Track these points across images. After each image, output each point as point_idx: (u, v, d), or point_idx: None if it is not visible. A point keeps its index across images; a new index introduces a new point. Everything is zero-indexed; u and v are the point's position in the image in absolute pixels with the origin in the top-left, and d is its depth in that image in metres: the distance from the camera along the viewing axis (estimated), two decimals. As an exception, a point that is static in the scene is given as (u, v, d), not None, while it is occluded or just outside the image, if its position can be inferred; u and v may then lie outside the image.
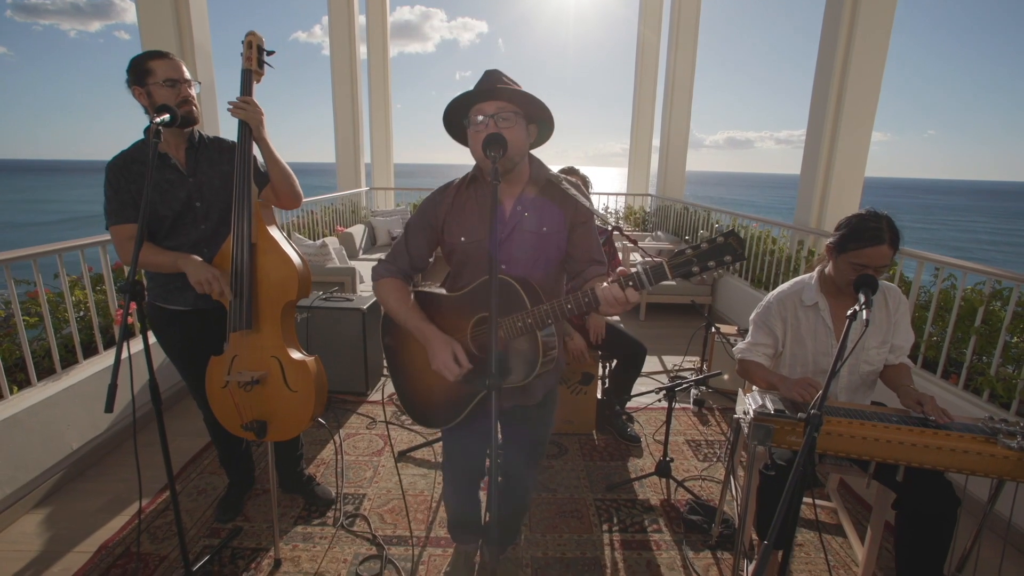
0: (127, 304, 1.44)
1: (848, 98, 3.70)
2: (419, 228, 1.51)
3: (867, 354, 1.80)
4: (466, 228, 1.45)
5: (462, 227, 1.46)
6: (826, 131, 3.82)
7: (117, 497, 2.30)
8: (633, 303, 1.20)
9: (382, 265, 1.55)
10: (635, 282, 1.17)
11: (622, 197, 8.51)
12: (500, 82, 1.36)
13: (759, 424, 1.58)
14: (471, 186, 1.48)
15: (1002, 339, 2.29)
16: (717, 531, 2.11)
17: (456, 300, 1.45)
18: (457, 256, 1.49)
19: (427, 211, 1.50)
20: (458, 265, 1.51)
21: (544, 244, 1.46)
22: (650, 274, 1.15)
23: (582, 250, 1.48)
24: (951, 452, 1.47)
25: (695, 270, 1.13)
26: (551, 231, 1.46)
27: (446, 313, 1.45)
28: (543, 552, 2.04)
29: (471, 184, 1.48)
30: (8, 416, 2.09)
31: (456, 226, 1.46)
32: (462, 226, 1.46)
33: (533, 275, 1.43)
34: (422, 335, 1.41)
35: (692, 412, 3.26)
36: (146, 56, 1.73)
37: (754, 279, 4.68)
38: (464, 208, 1.47)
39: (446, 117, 1.44)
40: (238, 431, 1.79)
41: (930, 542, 1.62)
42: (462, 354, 1.36)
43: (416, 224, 1.52)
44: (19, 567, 1.91)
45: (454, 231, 1.47)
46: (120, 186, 1.74)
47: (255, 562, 1.95)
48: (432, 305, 1.48)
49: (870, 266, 1.65)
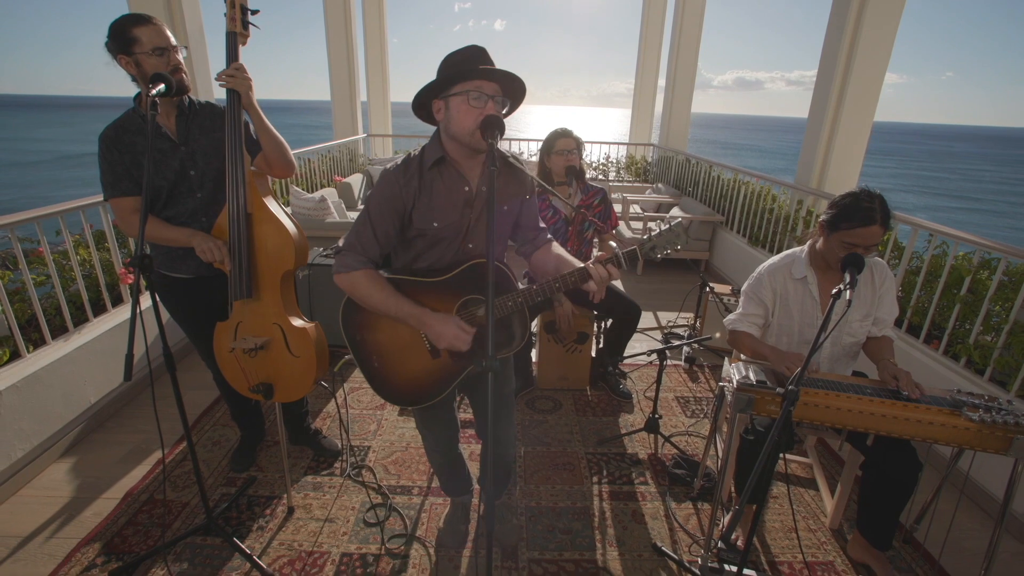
0: (137, 278, 1.49)
1: (864, 33, 3.54)
2: (384, 215, 1.43)
3: (850, 326, 1.87)
4: (437, 212, 1.42)
5: (433, 211, 1.42)
6: (838, 70, 3.67)
7: (136, 448, 2.45)
8: (615, 279, 1.38)
9: (349, 256, 1.44)
10: (615, 261, 1.37)
11: (623, 147, 8.35)
12: (489, 58, 1.37)
13: (741, 393, 1.68)
14: (436, 167, 1.42)
15: (984, 308, 2.36)
16: (699, 484, 2.27)
17: (439, 285, 1.47)
18: (425, 239, 1.46)
19: (391, 197, 1.41)
20: (423, 248, 1.48)
21: (504, 221, 1.54)
22: (625, 257, 1.38)
23: (530, 219, 1.58)
24: (917, 423, 1.57)
25: (657, 256, 1.42)
26: (511, 209, 1.53)
27: (428, 298, 1.47)
28: (536, 502, 2.20)
29: (436, 165, 1.41)
30: (29, 374, 2.19)
31: (427, 211, 1.42)
32: (433, 210, 1.42)
33: (499, 251, 1.54)
34: (418, 320, 1.42)
35: (683, 369, 3.38)
36: (129, 22, 1.66)
37: (751, 237, 4.70)
38: (432, 191, 1.42)
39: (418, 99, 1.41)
40: (247, 393, 1.89)
41: (891, 501, 1.76)
42: (464, 324, 1.43)
43: (380, 211, 1.42)
44: (55, 510, 2.07)
45: (425, 216, 1.42)
46: (113, 158, 1.73)
47: (270, 509, 2.12)
48: (412, 292, 1.47)
49: (861, 245, 1.69)
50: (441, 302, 1.48)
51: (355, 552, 1.93)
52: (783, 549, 2.02)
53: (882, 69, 3.69)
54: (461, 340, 1.40)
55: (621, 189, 7.00)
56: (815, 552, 2.01)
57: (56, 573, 1.79)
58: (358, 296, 1.46)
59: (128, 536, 1.95)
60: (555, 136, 2.71)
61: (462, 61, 1.36)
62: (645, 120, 8.30)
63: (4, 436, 2.10)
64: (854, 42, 3.62)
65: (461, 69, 1.34)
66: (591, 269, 1.37)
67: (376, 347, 1.55)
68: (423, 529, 2.05)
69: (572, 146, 2.68)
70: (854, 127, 3.80)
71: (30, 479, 2.21)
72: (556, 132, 2.73)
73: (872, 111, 3.78)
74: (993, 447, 1.53)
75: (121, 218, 1.81)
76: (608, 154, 8.28)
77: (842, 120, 3.80)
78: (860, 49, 3.60)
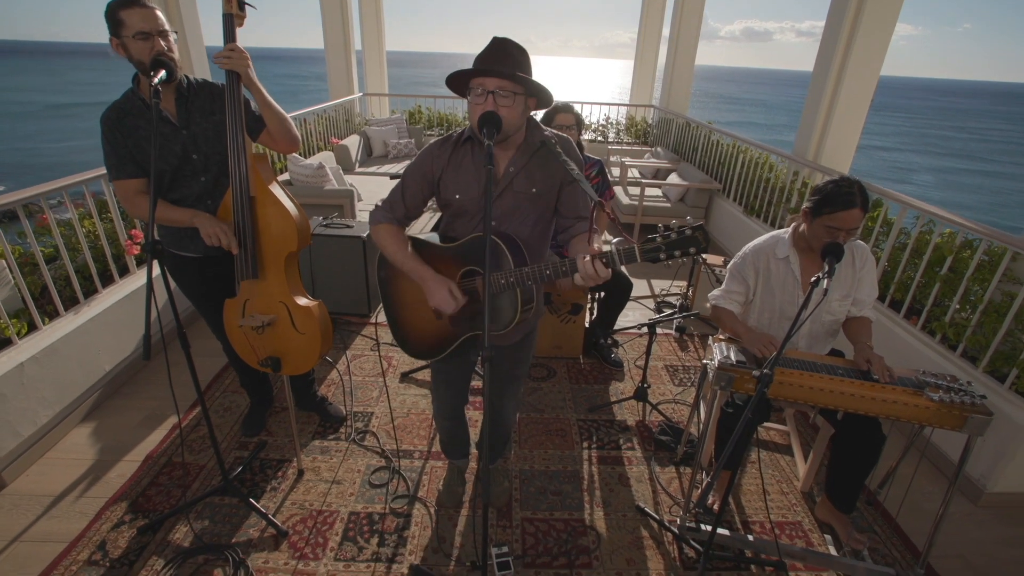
0: (149, 264, 1.57)
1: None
2: (415, 180, 1.58)
3: (830, 306, 1.97)
4: (461, 186, 1.54)
5: (457, 184, 1.54)
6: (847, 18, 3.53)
7: (152, 413, 2.58)
8: (604, 278, 1.31)
9: (380, 211, 1.64)
10: (608, 260, 1.29)
11: (623, 108, 8.22)
12: (507, 55, 1.38)
13: (721, 372, 1.80)
14: (466, 144, 1.54)
15: (963, 287, 2.45)
16: (682, 450, 2.43)
17: (448, 251, 1.59)
18: (452, 209, 1.59)
19: (424, 164, 1.57)
20: (452, 217, 1.61)
21: (535, 203, 1.57)
22: (623, 255, 1.27)
23: (569, 207, 1.60)
24: (883, 402, 1.69)
25: (662, 256, 1.24)
26: (541, 192, 1.56)
27: (437, 261, 1.59)
28: (530, 465, 2.36)
29: (466, 142, 1.54)
30: (47, 345, 2.29)
31: (452, 183, 1.55)
32: (457, 183, 1.54)
33: (521, 231, 1.57)
34: (419, 276, 1.55)
35: (674, 338, 3.51)
36: (117, 4, 1.65)
37: (747, 206, 4.74)
38: (460, 166, 1.54)
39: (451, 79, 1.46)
40: (256, 365, 2.00)
41: (855, 469, 1.91)
42: (457, 289, 1.52)
43: (413, 175, 1.58)
44: (81, 472, 2.22)
45: (450, 187, 1.55)
46: (117, 141, 1.76)
47: (281, 471, 2.27)
48: (426, 252, 1.61)
49: (843, 228, 1.77)
50: (449, 266, 1.58)
51: (362, 511, 2.10)
52: (756, 510, 2.19)
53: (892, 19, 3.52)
54: (446, 303, 1.50)
55: (620, 152, 6.94)
56: (785, 513, 2.19)
57: (89, 528, 1.95)
58: (379, 245, 1.63)
59: (152, 496, 2.11)
60: (555, 111, 2.72)
61: (479, 56, 1.40)
62: (647, 80, 8.12)
63: (29, 404, 2.22)
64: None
65: (471, 67, 1.39)
66: (580, 264, 1.33)
67: (396, 297, 1.74)
68: (424, 490, 2.21)
69: (571, 122, 2.69)
70: (857, 90, 3.68)
71: (55, 443, 2.35)
72: (556, 107, 2.73)
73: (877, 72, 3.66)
74: (950, 424, 1.66)
75: (126, 199, 1.85)
76: (608, 115, 8.15)
77: (845, 81, 3.68)
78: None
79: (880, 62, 3.58)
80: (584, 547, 1.98)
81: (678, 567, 1.92)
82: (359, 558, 1.90)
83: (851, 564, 1.91)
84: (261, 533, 1.97)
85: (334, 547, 1.94)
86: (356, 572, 1.85)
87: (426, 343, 1.71)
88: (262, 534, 1.97)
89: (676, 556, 1.96)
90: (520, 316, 1.51)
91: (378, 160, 6.66)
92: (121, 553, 1.87)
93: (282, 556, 1.89)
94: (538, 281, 1.44)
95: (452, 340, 1.64)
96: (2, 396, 2.10)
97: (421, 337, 1.71)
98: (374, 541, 1.97)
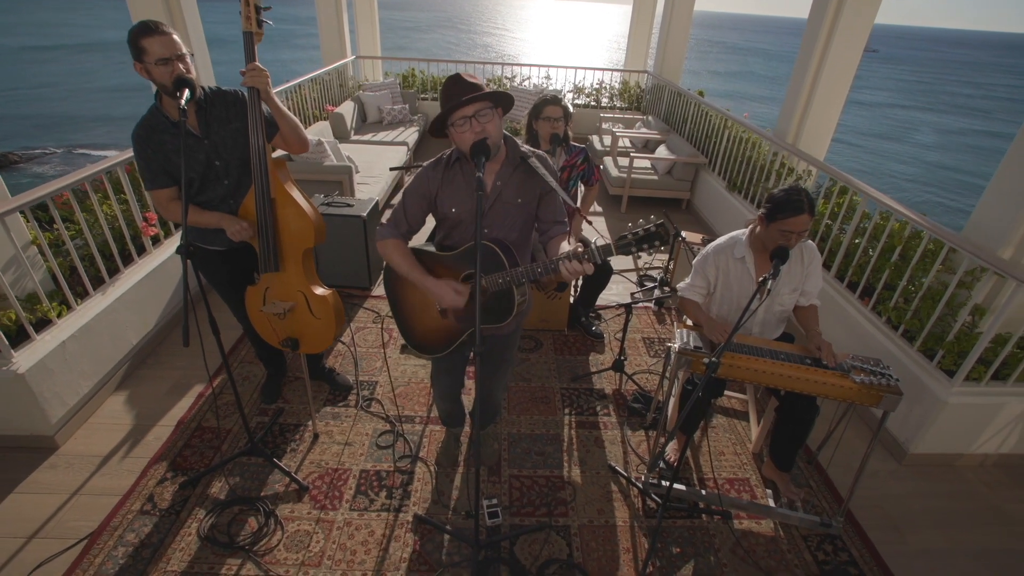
0: (184, 265, 1.80)
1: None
2: (415, 200, 1.80)
3: (780, 298, 2.25)
4: (456, 201, 1.77)
5: (452, 200, 1.77)
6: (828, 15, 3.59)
7: (177, 383, 2.87)
8: (588, 272, 1.54)
9: (386, 228, 1.86)
10: (589, 256, 1.51)
11: (617, 73, 8.21)
12: (468, 84, 1.60)
13: (682, 355, 2.09)
14: (456, 164, 1.76)
15: (907, 275, 2.73)
16: (651, 417, 2.76)
17: (448, 259, 1.83)
18: (449, 221, 1.82)
19: (422, 186, 1.79)
20: (448, 228, 1.85)
21: (520, 211, 1.82)
22: (601, 251, 1.50)
23: (547, 213, 1.85)
24: (815, 383, 2.00)
25: (633, 249, 1.48)
26: (525, 201, 1.81)
27: (439, 268, 1.84)
28: (516, 429, 2.69)
29: (457, 162, 1.76)
30: (83, 324, 2.55)
31: (447, 199, 1.78)
32: (452, 199, 1.77)
33: (510, 235, 1.82)
34: (421, 283, 1.80)
35: (652, 311, 3.80)
36: (138, 33, 1.82)
37: (731, 182, 4.93)
38: (453, 183, 1.77)
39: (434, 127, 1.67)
40: (277, 345, 2.28)
41: (793, 435, 2.25)
42: (459, 285, 1.77)
43: (412, 196, 1.80)
44: (122, 435, 2.53)
45: (445, 203, 1.78)
46: (148, 155, 1.97)
47: (298, 435, 2.59)
48: (428, 260, 1.86)
49: (794, 231, 2.02)
50: (449, 271, 1.83)
51: (371, 469, 2.43)
52: (711, 468, 2.54)
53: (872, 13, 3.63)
54: (454, 300, 1.75)
55: (612, 120, 7.01)
56: (737, 471, 2.54)
57: (138, 484, 2.27)
58: (386, 258, 1.86)
59: (188, 456, 2.42)
60: (544, 103, 2.88)
61: (443, 100, 1.62)
62: (642, 45, 8.08)
63: (71, 376, 2.49)
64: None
65: (444, 109, 1.61)
66: (561, 265, 1.56)
67: (404, 302, 1.99)
68: (424, 451, 2.53)
69: (559, 114, 2.86)
70: (835, 81, 3.87)
71: (95, 410, 2.64)
72: (545, 99, 2.88)
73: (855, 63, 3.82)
74: (869, 402, 1.98)
75: (160, 205, 2.08)
76: (602, 80, 8.15)
77: (824, 71, 3.86)
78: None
79: (858, 54, 3.73)
80: (562, 499, 2.33)
81: (641, 516, 2.28)
82: (371, 508, 2.24)
83: (786, 513, 2.27)
84: (285, 488, 2.30)
85: (349, 499, 2.27)
86: (368, 520, 2.19)
87: (434, 340, 1.97)
88: (286, 488, 2.30)
89: (640, 507, 2.32)
90: (517, 309, 1.77)
91: (373, 126, 6.72)
92: (168, 505, 2.20)
93: (305, 507, 2.23)
94: (531, 279, 1.67)
95: (457, 336, 1.90)
96: (50, 371, 2.37)
97: (428, 335, 1.97)
98: (383, 494, 2.31)
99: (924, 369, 2.56)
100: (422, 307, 1.94)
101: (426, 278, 1.80)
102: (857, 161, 18.67)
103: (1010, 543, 2.30)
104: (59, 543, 2.03)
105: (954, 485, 2.56)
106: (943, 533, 2.32)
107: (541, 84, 8.01)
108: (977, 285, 2.50)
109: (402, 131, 6.54)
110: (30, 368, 2.27)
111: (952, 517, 2.39)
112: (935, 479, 2.57)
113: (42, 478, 2.30)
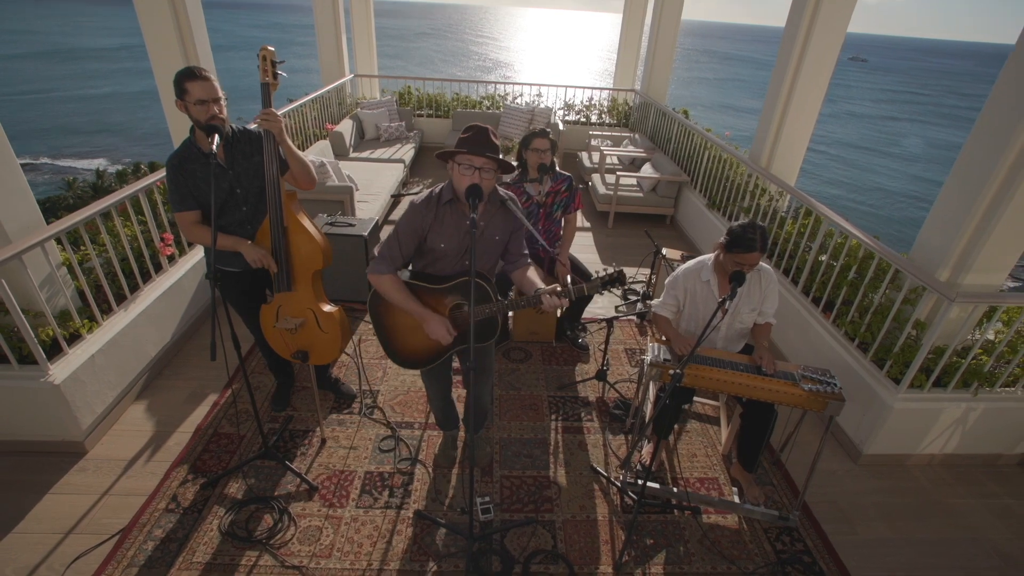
0: (212, 290, 2.05)
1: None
2: (408, 235, 2.02)
3: (740, 317, 2.52)
4: (445, 237, 2.02)
5: (442, 236, 2.02)
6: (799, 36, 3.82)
7: (193, 392, 3.10)
8: (564, 307, 1.86)
9: (380, 264, 2.04)
10: (567, 295, 1.83)
11: (606, 91, 8.53)
12: (489, 142, 1.87)
13: (652, 367, 2.35)
14: (447, 205, 2.00)
15: (861, 292, 3.02)
16: (630, 422, 3.02)
17: (439, 291, 2.09)
18: (435, 254, 2.06)
19: (414, 222, 2.00)
20: (432, 259, 2.08)
21: (497, 247, 2.12)
22: (574, 290, 1.82)
23: (517, 247, 2.16)
24: (771, 391, 2.26)
25: (600, 291, 1.82)
26: (501, 238, 2.11)
27: (430, 299, 2.09)
28: (507, 434, 2.94)
29: (448, 203, 2.00)
30: (110, 339, 2.78)
31: (438, 235, 2.02)
32: (442, 235, 2.02)
33: (486, 266, 2.12)
34: (419, 315, 2.05)
35: (635, 324, 4.07)
36: (184, 76, 2.10)
37: (711, 199, 5.23)
38: (444, 221, 2.01)
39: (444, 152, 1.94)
40: (289, 357, 2.52)
41: (755, 438, 2.51)
42: (450, 326, 2.05)
43: (406, 232, 2.01)
44: (145, 441, 2.75)
45: (436, 239, 2.02)
46: (179, 182, 2.23)
47: (307, 440, 2.82)
48: (421, 292, 2.09)
49: (746, 264, 2.29)
50: (439, 302, 2.08)
51: (374, 471, 2.66)
52: (683, 469, 2.80)
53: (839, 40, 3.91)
54: (445, 339, 2.04)
55: (601, 137, 7.31)
56: (707, 471, 2.80)
57: (162, 485, 2.50)
58: (382, 291, 2.07)
59: (207, 460, 2.65)
60: (533, 136, 3.16)
61: (467, 139, 1.87)
62: (630, 63, 8.41)
63: (100, 387, 2.72)
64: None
65: (461, 144, 1.86)
66: (543, 298, 1.86)
67: (391, 327, 2.22)
68: (423, 454, 2.77)
69: (546, 146, 3.14)
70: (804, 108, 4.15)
71: (119, 417, 2.87)
72: (534, 132, 3.17)
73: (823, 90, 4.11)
74: (816, 408, 2.24)
75: (185, 227, 2.32)
76: (591, 97, 8.47)
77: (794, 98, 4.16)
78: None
79: (825, 84, 4.04)
80: (548, 497, 2.58)
81: (619, 512, 2.53)
82: (375, 506, 2.48)
83: (749, 508, 2.53)
84: (297, 488, 2.53)
85: (355, 498, 2.51)
86: (373, 516, 2.43)
87: (420, 358, 2.22)
88: (298, 488, 2.53)
89: (618, 504, 2.57)
90: (500, 330, 2.04)
91: (371, 143, 6.98)
92: (190, 504, 2.42)
93: (315, 505, 2.46)
94: (515, 309, 1.97)
95: (442, 353, 2.18)
96: (81, 382, 2.59)
97: (415, 354, 2.22)
98: (385, 493, 2.54)
99: (875, 377, 2.84)
100: (408, 330, 2.18)
101: (424, 311, 2.04)
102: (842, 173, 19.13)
103: (948, 533, 2.57)
104: (94, 538, 2.25)
105: (903, 482, 2.83)
106: (890, 525, 2.58)
107: (533, 102, 8.30)
108: (920, 302, 2.78)
109: (399, 148, 6.81)
110: (64, 380, 2.49)
111: (899, 511, 2.66)
112: (886, 477, 2.84)
113: (74, 480, 2.52)
